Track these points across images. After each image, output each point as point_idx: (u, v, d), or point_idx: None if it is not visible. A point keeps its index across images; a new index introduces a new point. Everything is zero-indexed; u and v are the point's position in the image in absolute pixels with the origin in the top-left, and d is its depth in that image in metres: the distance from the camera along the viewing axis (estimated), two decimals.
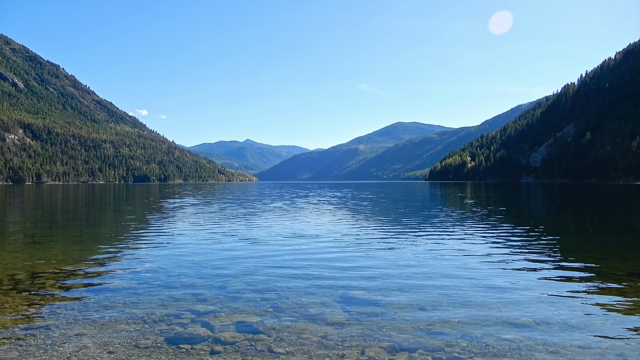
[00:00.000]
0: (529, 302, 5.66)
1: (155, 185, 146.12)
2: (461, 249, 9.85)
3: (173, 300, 5.81)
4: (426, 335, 4.55)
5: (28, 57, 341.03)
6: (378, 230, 13.70)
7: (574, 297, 5.88)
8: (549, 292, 6.14)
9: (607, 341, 4.37)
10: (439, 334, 4.58)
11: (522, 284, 6.57)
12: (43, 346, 4.28)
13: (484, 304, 5.60)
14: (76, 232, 13.54)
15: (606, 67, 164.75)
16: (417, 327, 4.77)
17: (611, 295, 5.99)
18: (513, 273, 7.33)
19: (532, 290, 6.21)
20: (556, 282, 6.74)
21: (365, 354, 4.11)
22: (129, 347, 4.29)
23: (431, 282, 6.75)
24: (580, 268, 7.76)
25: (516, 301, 5.69)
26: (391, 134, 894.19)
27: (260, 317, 5.10)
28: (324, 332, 4.65)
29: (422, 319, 5.03)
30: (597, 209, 24.58)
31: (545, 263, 8.17)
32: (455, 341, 4.40)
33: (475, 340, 4.41)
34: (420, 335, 4.55)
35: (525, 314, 5.17)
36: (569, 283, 6.67)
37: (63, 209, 25.55)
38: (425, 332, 4.63)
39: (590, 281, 6.79)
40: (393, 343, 4.36)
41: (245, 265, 8.02)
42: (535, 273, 7.33)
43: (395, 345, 4.30)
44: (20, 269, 7.69)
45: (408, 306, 5.51)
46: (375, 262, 8.31)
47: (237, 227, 14.46)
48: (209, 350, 4.24)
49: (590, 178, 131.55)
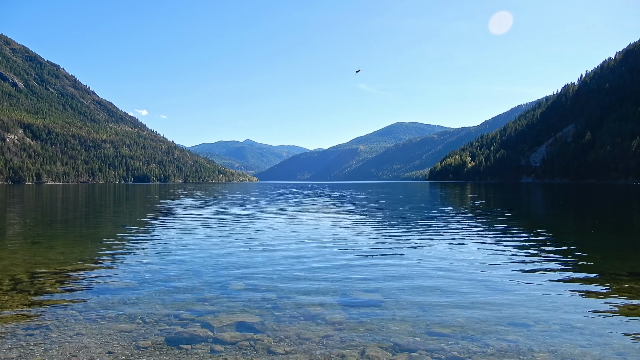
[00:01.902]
0: (529, 302, 5.66)
1: (155, 185, 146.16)
2: (461, 249, 9.85)
3: (173, 300, 5.81)
4: (426, 335, 4.55)
5: (28, 57, 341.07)
6: (378, 231, 13.70)
7: (574, 297, 5.89)
8: (549, 292, 6.15)
9: (607, 341, 4.37)
10: (439, 334, 4.58)
11: (522, 284, 6.57)
12: (43, 346, 4.28)
13: (483, 304, 5.60)
14: (76, 232, 13.54)
15: (606, 67, 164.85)
16: (417, 327, 4.78)
17: (611, 295, 5.99)
18: (513, 273, 7.33)
19: (532, 291, 6.21)
20: (556, 282, 6.74)
21: (365, 354, 4.11)
22: (129, 347, 4.29)
23: (431, 282, 6.75)
24: (581, 268, 7.77)
25: (516, 301, 5.69)
26: (391, 134, 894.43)
27: (260, 317, 5.10)
28: (324, 332, 4.65)
29: (422, 319, 5.03)
30: (597, 209, 24.58)
31: (545, 263, 8.18)
32: (455, 341, 4.40)
33: (475, 340, 4.41)
34: (420, 335, 4.55)
35: (526, 314, 5.17)
36: (569, 283, 6.67)
37: (63, 209, 25.55)
38: (425, 332, 4.63)
39: (590, 281, 6.79)
40: (393, 343, 4.36)
41: (245, 266, 8.03)
42: (535, 273, 7.33)
43: (395, 345, 4.30)
44: (20, 269, 7.69)
45: (408, 306, 5.51)
46: (375, 262, 8.31)
47: (237, 227, 14.47)
48: (209, 350, 4.24)
49: (590, 178, 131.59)
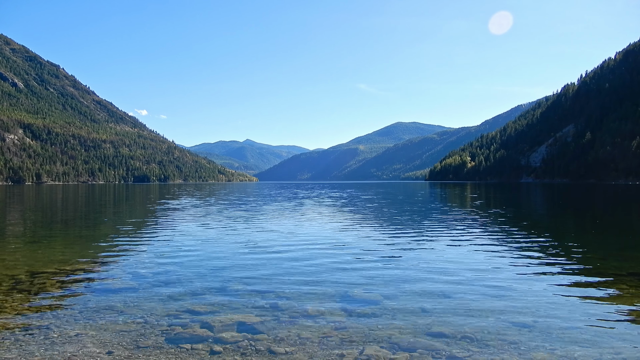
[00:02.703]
0: (529, 302, 5.66)
1: (155, 185, 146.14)
2: (461, 249, 9.85)
3: (173, 300, 5.81)
4: (426, 335, 4.55)
5: (28, 57, 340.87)
6: (378, 231, 13.71)
7: (574, 297, 5.89)
8: (549, 292, 6.15)
9: (607, 341, 4.37)
10: (438, 334, 4.58)
11: (522, 284, 6.57)
12: (43, 346, 4.28)
13: (484, 304, 5.60)
14: (76, 232, 13.54)
15: (606, 67, 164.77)
16: (417, 327, 4.78)
17: (612, 295, 5.99)
18: (513, 273, 7.33)
19: (532, 290, 6.21)
20: (556, 282, 6.73)
21: (365, 354, 4.11)
22: (129, 347, 4.29)
23: (431, 282, 6.75)
24: (581, 268, 7.77)
25: (516, 301, 5.70)
26: (391, 134, 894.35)
27: (260, 317, 5.10)
28: (324, 332, 4.65)
29: (422, 319, 5.03)
30: (597, 209, 24.58)
31: (545, 263, 8.18)
32: (455, 341, 4.40)
33: (475, 340, 4.41)
34: (420, 335, 4.55)
35: (526, 314, 5.17)
36: (569, 283, 6.66)
37: (63, 209, 25.55)
38: (425, 332, 4.63)
39: (590, 281, 6.79)
40: (393, 343, 4.36)
41: (245, 266, 8.03)
42: (535, 273, 7.33)
43: (395, 345, 4.31)
44: (20, 269, 7.69)
45: (408, 306, 5.51)
46: (375, 263, 8.31)
47: (237, 227, 14.47)
48: (209, 350, 4.24)
49: (590, 178, 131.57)
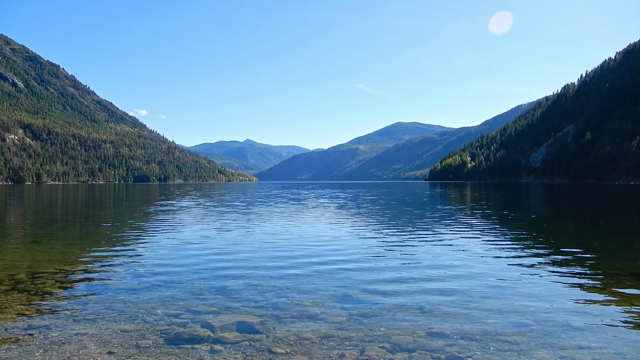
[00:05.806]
0: (529, 302, 5.66)
1: (155, 185, 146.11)
2: (461, 249, 9.85)
3: (173, 300, 5.81)
4: (426, 335, 4.55)
5: (28, 57, 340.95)
6: (378, 231, 13.70)
7: (574, 297, 5.89)
8: (549, 292, 6.15)
9: (607, 341, 4.37)
10: (438, 334, 4.58)
11: (522, 284, 6.57)
12: (43, 346, 4.28)
13: (483, 304, 5.60)
14: (76, 232, 13.54)
15: (606, 67, 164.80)
16: (417, 327, 4.78)
17: (612, 295, 5.99)
18: (513, 273, 7.33)
19: (532, 291, 6.21)
20: (557, 282, 6.73)
21: (365, 354, 4.11)
22: (129, 347, 4.29)
23: (431, 282, 6.75)
24: (581, 268, 7.76)
25: (516, 301, 5.69)
26: (391, 134, 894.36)
27: (260, 317, 5.10)
28: (324, 332, 4.65)
29: (422, 319, 5.03)
30: (597, 209, 24.58)
31: (545, 263, 8.18)
32: (455, 341, 4.40)
33: (475, 340, 4.41)
34: (420, 335, 4.55)
35: (525, 314, 5.17)
36: (570, 283, 6.66)
37: (63, 209, 25.55)
38: (425, 332, 4.63)
39: (590, 281, 6.79)
40: (393, 343, 4.36)
41: (245, 266, 8.03)
42: (536, 273, 7.33)
43: (395, 345, 4.30)
44: (20, 269, 7.69)
45: (408, 306, 5.51)
46: (375, 262, 8.30)
47: (237, 227, 14.47)
48: (209, 350, 4.24)
49: (590, 178, 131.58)
